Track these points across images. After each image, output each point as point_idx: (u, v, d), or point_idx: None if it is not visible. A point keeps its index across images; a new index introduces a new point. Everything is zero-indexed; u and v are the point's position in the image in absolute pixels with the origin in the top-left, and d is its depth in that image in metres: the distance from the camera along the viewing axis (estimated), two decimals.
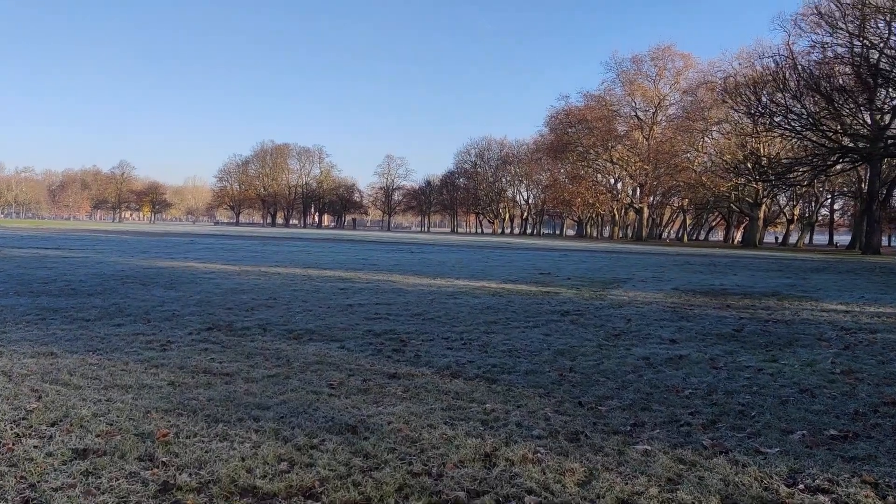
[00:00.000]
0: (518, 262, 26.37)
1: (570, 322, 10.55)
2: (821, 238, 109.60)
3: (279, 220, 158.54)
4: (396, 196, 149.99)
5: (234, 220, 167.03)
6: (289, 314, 10.57)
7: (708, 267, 26.37)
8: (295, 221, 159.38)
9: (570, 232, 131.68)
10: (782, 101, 47.42)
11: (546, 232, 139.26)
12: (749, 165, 59.87)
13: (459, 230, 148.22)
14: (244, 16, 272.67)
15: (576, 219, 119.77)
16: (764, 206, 73.62)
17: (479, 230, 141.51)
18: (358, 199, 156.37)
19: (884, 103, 50.86)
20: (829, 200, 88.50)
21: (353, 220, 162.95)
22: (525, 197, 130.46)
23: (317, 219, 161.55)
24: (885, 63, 49.18)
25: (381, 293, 13.80)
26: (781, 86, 49.53)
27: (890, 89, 50.42)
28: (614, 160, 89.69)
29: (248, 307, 11.16)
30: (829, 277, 22.15)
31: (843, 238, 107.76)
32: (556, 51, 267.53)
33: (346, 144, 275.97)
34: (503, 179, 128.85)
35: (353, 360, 7.20)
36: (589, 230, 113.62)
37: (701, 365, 7.46)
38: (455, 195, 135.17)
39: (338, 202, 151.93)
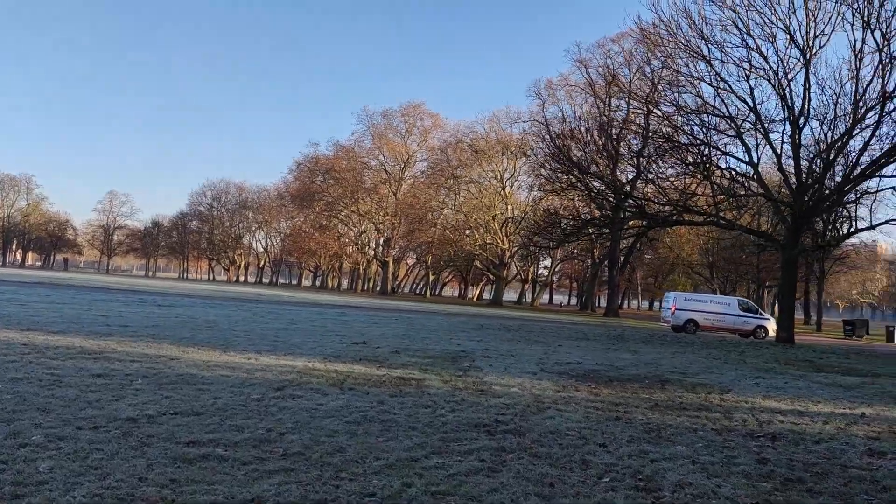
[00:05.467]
0: (302, 323, 21.61)
1: (517, 450, 6.47)
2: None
3: None
4: (118, 236, 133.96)
5: None
6: None
7: (517, 333, 23.69)
8: None
9: (307, 283, 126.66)
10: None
11: (283, 282, 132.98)
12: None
13: (189, 276, 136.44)
14: None
15: (313, 269, 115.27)
16: (511, 266, 75.33)
17: (212, 277, 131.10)
18: (72, 237, 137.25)
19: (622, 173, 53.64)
20: (557, 263, 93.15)
21: (65, 259, 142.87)
22: (264, 245, 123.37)
23: (19, 257, 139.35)
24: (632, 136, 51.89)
25: (168, 386, 8.68)
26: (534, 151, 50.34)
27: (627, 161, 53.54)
28: (362, 212, 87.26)
29: None
30: (666, 351, 20.40)
31: (559, 297, 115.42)
32: (313, 97, 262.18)
33: (60, 175, 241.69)
34: (241, 225, 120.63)
35: None
36: (330, 281, 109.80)
37: None
38: (187, 238, 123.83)
39: (47, 239, 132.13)
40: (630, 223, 38.79)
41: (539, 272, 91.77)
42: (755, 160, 30.93)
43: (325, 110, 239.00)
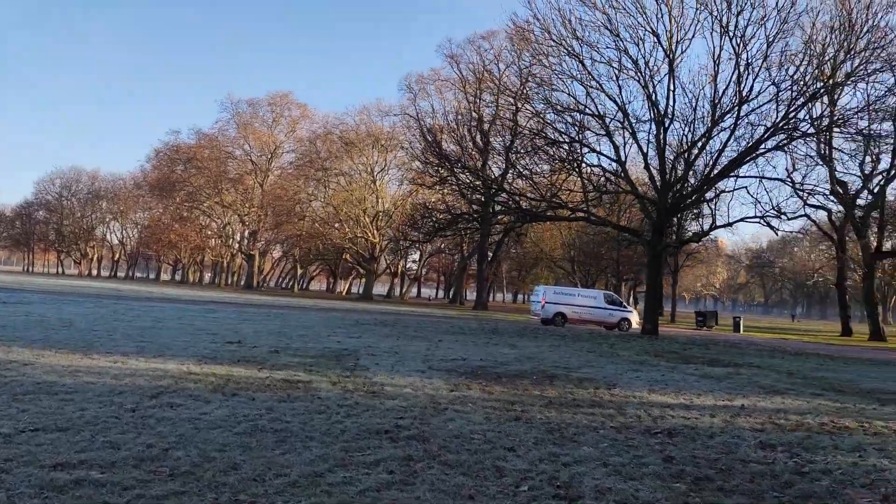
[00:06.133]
0: (169, 321, 20.26)
1: (425, 458, 6.13)
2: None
3: None
4: None
5: None
6: None
7: (394, 328, 23.32)
8: None
9: (166, 277, 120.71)
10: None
11: (139, 276, 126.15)
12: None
13: (35, 270, 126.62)
14: None
15: (172, 263, 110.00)
16: (381, 260, 74.85)
17: (61, 270, 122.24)
18: None
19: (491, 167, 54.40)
20: (426, 257, 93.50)
21: None
22: (119, 237, 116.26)
23: None
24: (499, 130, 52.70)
25: (24, 397, 7.70)
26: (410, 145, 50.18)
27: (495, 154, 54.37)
28: (226, 203, 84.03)
29: None
30: (544, 344, 20.62)
31: (427, 291, 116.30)
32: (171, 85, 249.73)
33: None
34: (93, 216, 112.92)
35: None
36: (191, 276, 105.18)
37: None
38: (32, 229, 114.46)
39: None
40: (501, 217, 39.27)
41: (408, 266, 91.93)
42: (623, 158, 32.09)
43: (186, 100, 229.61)
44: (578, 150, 32.45)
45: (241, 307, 32.29)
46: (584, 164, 32.98)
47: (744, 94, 28.28)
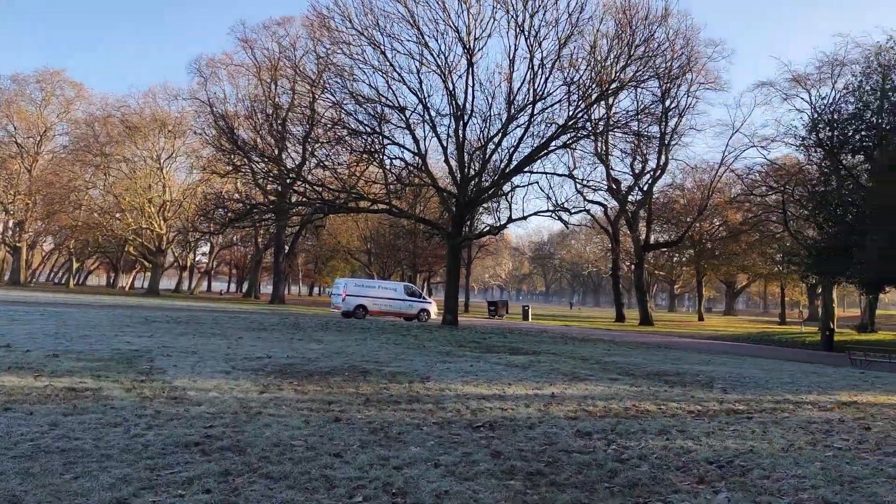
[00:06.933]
0: None
1: (245, 472, 5.59)
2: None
3: None
4: None
5: None
6: None
7: (189, 326, 21.80)
8: None
9: None
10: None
11: None
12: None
13: None
14: None
15: None
16: (169, 253, 70.45)
17: None
18: None
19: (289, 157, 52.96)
20: (217, 249, 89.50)
21: None
22: None
23: None
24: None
25: None
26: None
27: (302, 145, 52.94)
28: None
29: None
30: (349, 338, 20.16)
31: (219, 285, 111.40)
32: None
33: None
34: None
35: None
36: None
37: None
38: None
39: None
40: (300, 209, 38.27)
41: (198, 259, 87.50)
42: (423, 151, 32.45)
43: None
44: (380, 142, 32.37)
45: (8, 305, 28.80)
46: (385, 156, 32.98)
47: (537, 92, 29.63)
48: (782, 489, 5.71)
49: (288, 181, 40.68)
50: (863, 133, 37.22)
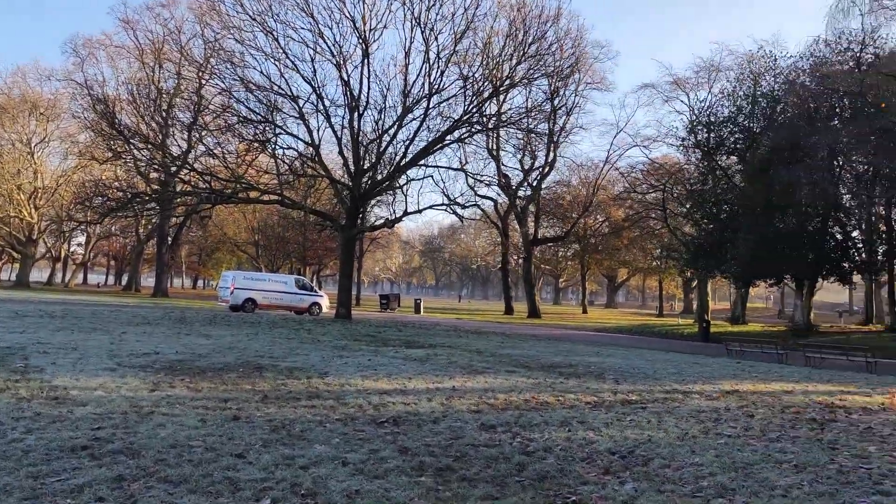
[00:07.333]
0: None
1: (142, 477, 5.31)
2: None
3: None
4: None
5: None
6: None
7: (66, 320, 20.55)
8: None
9: None
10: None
11: None
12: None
13: None
14: None
15: None
16: (41, 243, 66.24)
17: None
18: None
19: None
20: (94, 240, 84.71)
21: None
22: None
23: None
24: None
25: None
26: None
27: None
28: None
29: None
30: (240, 333, 19.54)
31: (95, 277, 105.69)
32: None
33: None
34: None
35: None
36: None
37: None
38: None
39: None
40: (187, 198, 36.73)
41: (72, 250, 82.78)
42: (317, 142, 31.85)
43: None
44: (272, 131, 31.53)
45: None
46: (277, 146, 32.19)
47: (433, 86, 29.64)
48: (683, 477, 5.90)
49: (173, 169, 39.04)
50: (737, 136, 39.42)
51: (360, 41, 30.39)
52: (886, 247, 37.93)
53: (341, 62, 30.43)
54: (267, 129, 31.36)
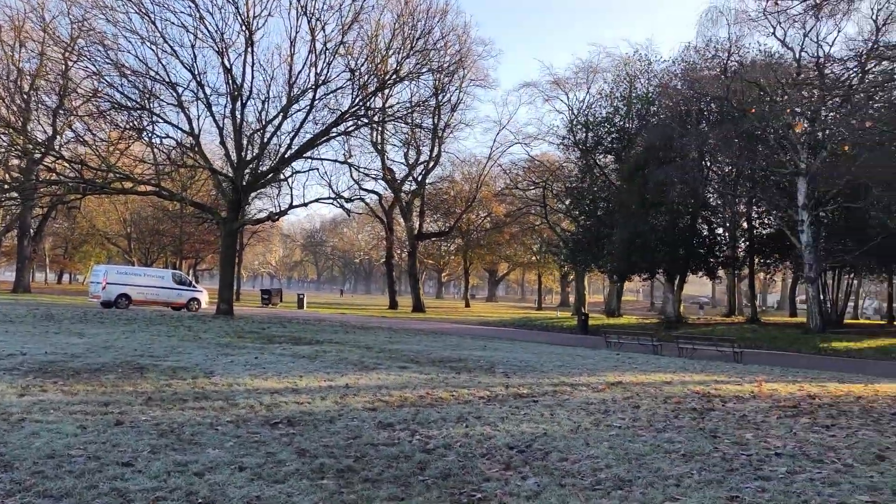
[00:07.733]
0: None
1: (18, 492, 4.95)
2: None
3: None
4: None
5: None
6: None
7: None
8: None
9: None
10: None
11: None
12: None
13: None
14: None
15: None
16: None
17: None
18: None
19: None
20: None
21: None
22: None
23: None
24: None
25: None
26: None
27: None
28: None
29: None
30: (115, 331, 18.49)
31: None
32: None
33: None
34: None
35: None
36: None
37: None
38: None
39: None
40: (52, 187, 34.43)
41: None
42: (197, 131, 30.60)
43: None
44: (148, 118, 30.05)
45: None
46: (154, 134, 30.70)
47: (319, 76, 29.14)
48: (581, 470, 6.04)
49: (37, 156, 36.45)
50: (613, 135, 41.03)
51: (244, 28, 29.45)
52: (748, 243, 40.61)
53: (223, 49, 29.40)
54: (143, 116, 29.86)
